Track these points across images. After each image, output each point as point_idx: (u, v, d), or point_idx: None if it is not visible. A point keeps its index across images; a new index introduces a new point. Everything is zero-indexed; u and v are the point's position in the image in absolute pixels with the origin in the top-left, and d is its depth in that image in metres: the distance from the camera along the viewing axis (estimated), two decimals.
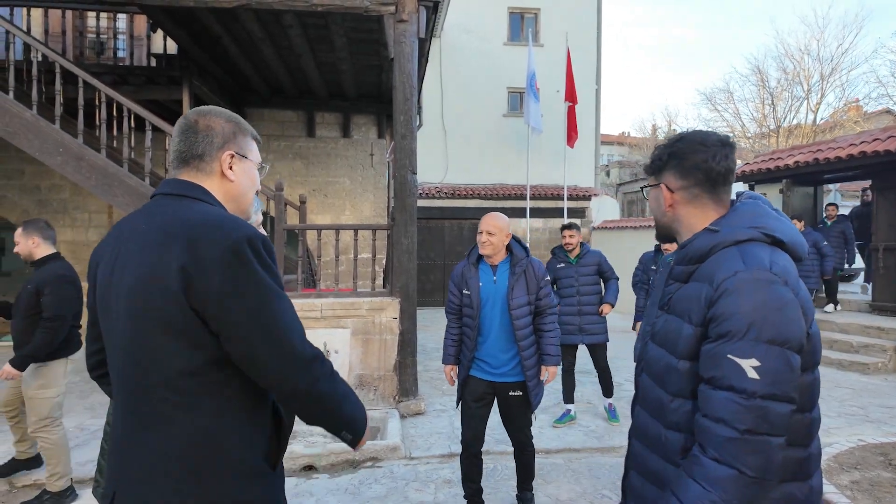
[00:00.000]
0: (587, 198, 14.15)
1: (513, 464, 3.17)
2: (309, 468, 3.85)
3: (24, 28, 6.36)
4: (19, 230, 3.23)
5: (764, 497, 1.05)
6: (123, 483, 1.09)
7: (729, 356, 1.05)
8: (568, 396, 4.78)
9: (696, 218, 1.25)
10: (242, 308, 1.03)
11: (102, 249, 1.19)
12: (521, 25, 14.79)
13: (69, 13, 6.88)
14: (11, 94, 4.99)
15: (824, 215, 8.49)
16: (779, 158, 9.10)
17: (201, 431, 1.05)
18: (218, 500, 1.06)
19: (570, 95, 12.44)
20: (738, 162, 18.69)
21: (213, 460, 1.06)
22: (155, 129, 5.33)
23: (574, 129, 12.56)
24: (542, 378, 2.96)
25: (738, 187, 13.31)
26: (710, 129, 1.38)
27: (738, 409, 1.02)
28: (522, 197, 13.02)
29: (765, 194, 1.24)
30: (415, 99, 5.04)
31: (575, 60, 13.02)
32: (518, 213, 13.33)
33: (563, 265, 4.69)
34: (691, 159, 1.23)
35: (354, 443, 1.22)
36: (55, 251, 3.33)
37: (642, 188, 1.41)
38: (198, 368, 1.04)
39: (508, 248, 2.92)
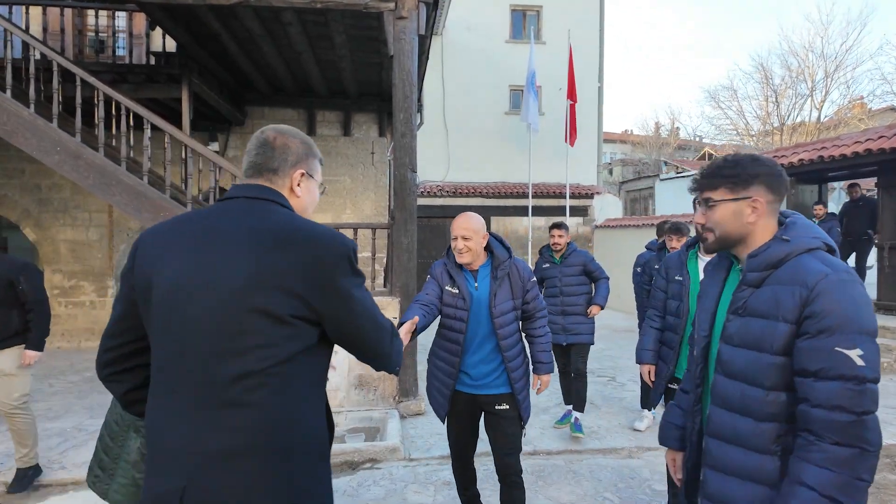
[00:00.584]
0: (590, 196, 14.09)
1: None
2: None
3: (23, 26, 6.33)
4: None
5: (876, 465, 1.19)
6: (199, 471, 1.10)
7: (836, 349, 1.18)
8: (567, 397, 4.70)
9: (766, 230, 1.39)
10: (358, 303, 1.23)
11: (159, 245, 1.20)
12: (524, 23, 14.72)
13: (68, 11, 6.85)
14: (9, 92, 4.96)
15: (813, 214, 8.43)
16: (783, 156, 9.02)
17: (289, 414, 1.14)
18: (302, 478, 1.17)
19: (571, 94, 12.38)
20: None
21: (300, 440, 1.16)
22: (154, 128, 5.29)
23: (574, 128, 12.50)
24: (534, 388, 2.71)
25: None
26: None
27: (853, 395, 1.17)
28: (524, 195, 12.97)
29: None
30: (415, 96, 4.99)
31: (577, 58, 12.95)
32: (520, 211, 13.27)
33: (548, 265, 4.57)
34: (781, 178, 1.39)
35: (398, 372, 1.56)
36: None
37: (714, 200, 1.42)
38: (293, 356, 1.14)
39: (488, 250, 2.62)
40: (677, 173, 18.99)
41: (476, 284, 2.59)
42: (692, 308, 2.70)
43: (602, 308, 4.47)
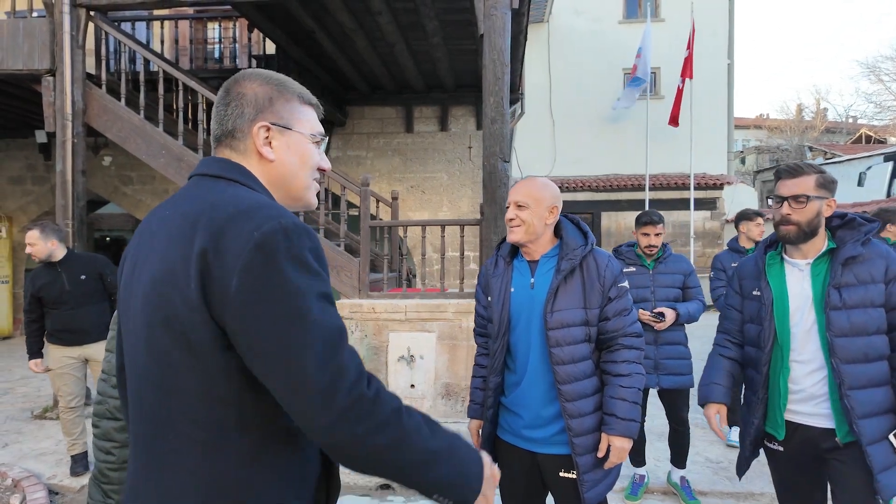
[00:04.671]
0: (719, 186, 12.53)
1: None
2: (384, 487, 3.49)
3: (145, 40, 6.82)
4: (37, 233, 3.41)
5: None
6: None
7: None
8: (636, 456, 3.34)
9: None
10: (262, 322, 0.77)
11: (131, 242, 1.00)
12: (639, 0, 13.50)
13: (182, 25, 7.30)
14: (123, 100, 5.26)
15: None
16: None
17: (228, 480, 0.82)
18: None
19: (688, 70, 10.99)
20: None
21: None
22: None
23: (677, 109, 11.19)
24: (600, 452, 1.77)
25: None
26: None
27: None
28: (639, 188, 11.86)
29: None
30: (507, 78, 4.49)
31: (702, 33, 11.57)
32: (635, 205, 12.18)
33: (633, 269, 3.20)
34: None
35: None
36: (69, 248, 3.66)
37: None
38: (229, 396, 0.81)
39: (558, 234, 1.90)
40: (826, 159, 16.45)
41: (532, 280, 1.85)
42: (782, 334, 1.81)
43: (680, 320, 3.13)
